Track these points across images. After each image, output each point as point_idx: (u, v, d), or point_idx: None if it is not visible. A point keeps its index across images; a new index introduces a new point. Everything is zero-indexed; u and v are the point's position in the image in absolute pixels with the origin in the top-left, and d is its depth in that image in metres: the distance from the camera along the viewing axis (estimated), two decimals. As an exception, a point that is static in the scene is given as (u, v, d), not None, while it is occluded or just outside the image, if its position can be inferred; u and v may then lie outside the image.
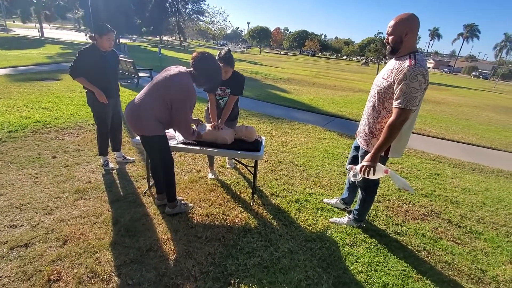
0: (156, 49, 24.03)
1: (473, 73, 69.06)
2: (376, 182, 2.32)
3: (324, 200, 3.01)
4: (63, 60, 12.55)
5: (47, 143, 3.76)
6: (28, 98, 5.70)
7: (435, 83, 27.10)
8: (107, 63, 3.01)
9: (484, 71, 69.50)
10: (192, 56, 2.23)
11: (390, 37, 1.92)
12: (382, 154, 2.04)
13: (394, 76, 1.86)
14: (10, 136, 3.79)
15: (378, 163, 2.00)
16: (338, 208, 2.89)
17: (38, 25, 30.74)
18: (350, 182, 2.69)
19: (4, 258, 1.86)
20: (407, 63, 1.81)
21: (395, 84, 1.85)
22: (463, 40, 71.78)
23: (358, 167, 2.08)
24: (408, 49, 1.89)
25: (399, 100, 1.83)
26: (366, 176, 2.03)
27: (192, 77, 2.22)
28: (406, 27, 1.85)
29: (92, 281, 1.77)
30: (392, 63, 1.97)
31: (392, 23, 1.90)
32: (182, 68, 2.24)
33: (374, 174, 2.00)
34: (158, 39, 51.69)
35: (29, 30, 36.52)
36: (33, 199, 2.54)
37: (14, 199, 2.50)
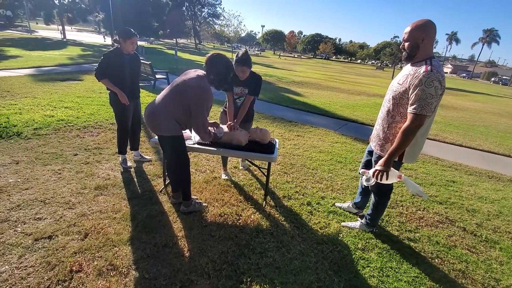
0: (172, 52, 24.52)
1: (493, 79, 66.84)
2: (389, 187, 2.32)
3: (336, 204, 3.02)
4: (84, 61, 13.00)
5: (69, 141, 3.92)
6: (51, 97, 5.96)
7: (452, 88, 26.42)
8: (130, 66, 3.14)
9: (504, 77, 67.15)
10: (205, 59, 2.31)
11: (406, 43, 1.94)
12: (396, 159, 2.04)
13: (410, 81, 1.87)
14: (35, 134, 3.98)
15: (391, 168, 2.01)
16: (350, 213, 2.89)
17: (60, 27, 31.89)
18: (363, 187, 2.69)
19: (29, 249, 1.97)
20: (423, 69, 1.82)
21: (411, 90, 1.86)
22: (482, 45, 69.72)
23: (371, 171, 2.09)
24: (425, 55, 1.90)
25: (415, 106, 1.83)
26: (379, 181, 2.04)
27: (208, 79, 2.30)
28: (423, 33, 1.86)
29: (111, 274, 1.85)
30: (408, 69, 1.98)
31: (408, 29, 1.92)
32: (200, 72, 2.32)
33: (387, 179, 2.01)
34: (174, 41, 52.64)
35: (52, 32, 37.97)
36: (56, 193, 2.67)
37: (39, 193, 2.64)
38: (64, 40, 27.58)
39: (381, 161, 2.02)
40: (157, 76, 8.91)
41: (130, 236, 2.22)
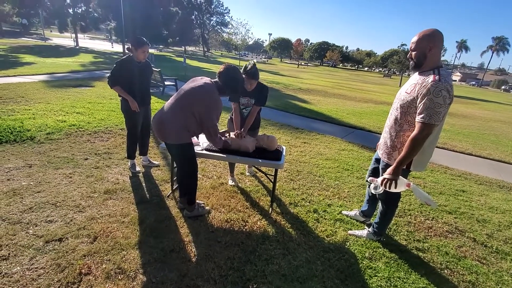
0: (181, 59, 24.90)
1: (503, 87, 65.83)
2: (397, 196, 2.31)
3: (343, 212, 3.00)
4: (96, 68, 13.31)
5: (80, 145, 4.01)
6: (64, 103, 6.11)
7: (461, 96, 26.10)
8: (141, 74, 3.22)
9: (515, 85, 66.12)
10: (220, 68, 2.37)
11: (414, 53, 1.95)
12: (404, 167, 2.04)
13: (418, 90, 1.88)
14: (47, 138, 4.08)
15: (400, 176, 2.00)
16: (357, 221, 2.87)
17: (73, 35, 32.78)
18: (370, 195, 2.68)
19: (40, 251, 2.02)
20: (431, 78, 1.83)
21: (419, 99, 1.86)
22: (492, 53, 68.95)
23: (379, 179, 2.08)
24: (432, 64, 1.91)
25: (423, 115, 1.84)
26: (387, 189, 2.03)
27: (217, 86, 2.34)
28: (430, 43, 1.87)
29: (119, 277, 1.88)
30: (415, 78, 1.99)
31: (415, 39, 1.93)
32: (207, 79, 2.38)
33: (395, 187, 2.00)
34: (183, 49, 53.53)
35: (65, 40, 39.04)
36: (67, 197, 2.73)
37: (50, 196, 2.70)
38: (77, 47, 28.32)
39: (389, 170, 2.01)
40: (166, 83, 9.07)
41: (138, 240, 2.25)
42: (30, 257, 1.95)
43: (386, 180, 2.00)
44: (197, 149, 2.76)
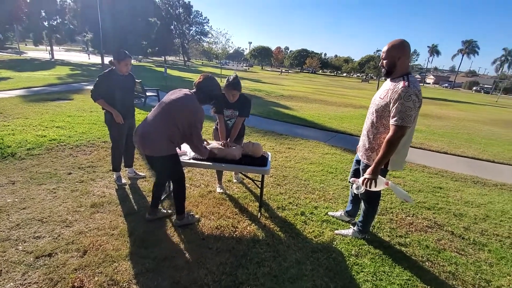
0: (161, 69, 24.72)
1: (474, 88, 69.43)
2: (378, 194, 2.44)
3: (329, 213, 3.11)
4: (73, 80, 13.02)
5: (62, 160, 3.93)
6: (42, 117, 5.96)
7: (436, 98, 27.38)
8: (124, 86, 3.24)
9: (485, 86, 69.96)
10: (197, 79, 2.45)
11: (385, 61, 2.14)
12: (383, 167, 2.18)
13: (390, 96, 2.05)
14: (28, 154, 3.98)
15: (379, 176, 2.13)
16: (343, 221, 2.99)
17: (49, 48, 31.92)
18: (353, 195, 2.81)
19: (31, 266, 1.99)
20: (401, 84, 2.00)
21: (391, 104, 2.03)
22: (462, 56, 72.78)
23: (360, 179, 2.21)
24: (402, 71, 2.09)
25: (396, 118, 2.00)
26: (368, 188, 2.16)
27: (196, 96, 2.41)
28: (399, 52, 2.06)
29: (112, 289, 1.88)
30: (388, 84, 2.16)
31: (385, 48, 2.12)
32: (186, 90, 2.43)
33: (376, 186, 2.13)
34: (163, 59, 53.19)
35: (40, 53, 37.87)
36: (53, 212, 2.68)
37: (36, 212, 2.65)
38: (53, 60, 27.56)
39: (369, 170, 2.15)
40: (148, 94, 9.02)
41: (129, 251, 2.25)
42: (22, 272, 1.93)
43: (366, 179, 2.13)
44: (184, 158, 2.80)
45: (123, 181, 3.46)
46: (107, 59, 3.19)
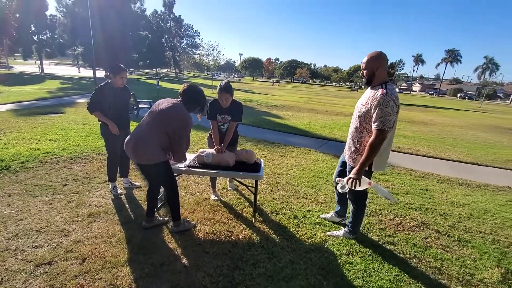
0: (153, 81, 24.86)
1: (459, 95, 71.60)
2: (364, 194, 2.59)
3: (320, 215, 3.23)
4: (64, 94, 13.01)
5: (57, 172, 3.97)
6: (35, 131, 5.97)
7: (422, 105, 28.15)
8: (120, 99, 3.34)
9: (469, 92, 72.26)
10: (182, 88, 2.58)
11: (365, 71, 2.35)
12: (367, 169, 2.33)
13: (370, 103, 2.24)
14: (22, 167, 4.00)
15: (363, 176, 2.28)
16: (334, 222, 3.10)
17: (38, 62, 31.76)
18: (339, 195, 2.96)
19: (32, 274, 2.03)
20: (379, 92, 2.20)
21: (372, 110, 2.22)
22: (446, 64, 75.23)
23: (345, 179, 2.35)
24: (380, 80, 2.29)
25: (377, 123, 2.18)
26: (352, 188, 2.30)
27: (184, 104, 2.52)
28: (377, 63, 2.28)
29: (113, 293, 1.93)
30: (368, 92, 2.37)
31: (365, 60, 2.33)
32: (173, 100, 2.54)
33: (359, 185, 2.28)
34: (154, 71, 53.36)
35: (30, 67, 37.62)
36: (50, 222, 2.72)
37: (33, 223, 2.68)
38: (42, 74, 27.41)
39: (354, 170, 2.30)
40: (141, 106, 9.11)
41: (128, 257, 2.31)
42: (23, 280, 1.97)
43: (351, 179, 2.28)
44: (180, 166, 2.90)
45: (119, 191, 3.51)
46: (99, 73, 3.27)
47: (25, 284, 1.94)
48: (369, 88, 2.38)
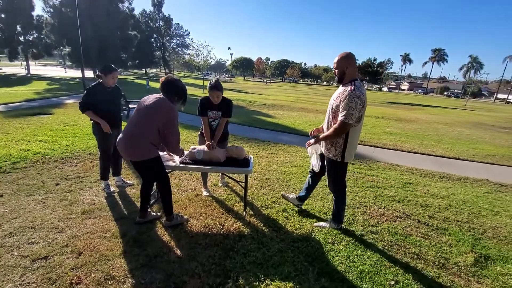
0: (142, 82, 24.67)
1: (445, 93, 73.44)
2: (343, 185, 2.81)
3: (281, 193, 3.59)
4: (52, 95, 12.86)
5: (49, 172, 4.00)
6: (24, 132, 5.94)
7: (410, 103, 28.77)
8: (112, 98, 3.41)
9: (455, 91, 74.12)
10: (160, 84, 2.62)
11: (336, 70, 2.60)
12: (339, 160, 2.62)
13: (340, 98, 2.49)
14: (13, 167, 4.02)
15: (317, 145, 2.82)
16: (293, 204, 3.41)
17: (24, 63, 31.12)
18: (309, 183, 3.21)
19: (29, 269, 2.11)
20: (348, 88, 2.45)
21: (341, 104, 2.45)
22: (433, 63, 76.89)
23: (307, 144, 2.89)
24: (350, 78, 2.54)
25: (342, 115, 2.45)
26: (307, 147, 2.91)
27: (166, 96, 2.59)
28: (346, 63, 2.52)
29: (109, 282, 2.03)
30: (340, 89, 2.59)
31: (336, 60, 2.57)
32: (157, 95, 2.62)
33: (317, 149, 2.86)
34: (144, 71, 52.85)
35: (15, 68, 36.79)
36: (44, 220, 2.78)
37: (27, 221, 2.74)
38: (29, 75, 26.89)
39: (316, 139, 2.74)
40: (131, 106, 9.12)
41: (123, 250, 2.40)
42: (20, 274, 2.04)
43: (311, 144, 2.80)
44: (171, 163, 3.00)
45: (112, 189, 3.58)
46: (87, 73, 3.32)
47: (22, 277, 2.01)
48: (341, 85, 2.60)
